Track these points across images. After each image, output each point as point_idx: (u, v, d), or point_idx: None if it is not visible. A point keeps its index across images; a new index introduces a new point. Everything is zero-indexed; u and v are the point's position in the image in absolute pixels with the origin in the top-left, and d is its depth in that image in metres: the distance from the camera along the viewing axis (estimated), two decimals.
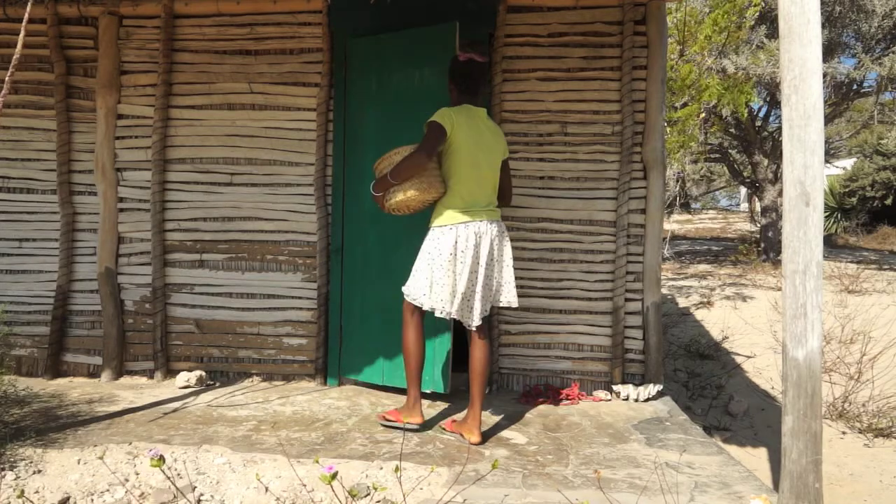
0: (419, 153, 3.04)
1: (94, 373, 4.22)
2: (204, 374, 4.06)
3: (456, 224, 3.06)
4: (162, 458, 1.93)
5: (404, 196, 3.13)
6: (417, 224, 4.12)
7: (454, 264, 3.06)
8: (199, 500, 2.55)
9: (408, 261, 4.10)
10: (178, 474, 2.69)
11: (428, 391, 3.76)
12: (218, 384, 4.09)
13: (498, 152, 3.26)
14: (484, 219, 3.10)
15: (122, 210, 4.22)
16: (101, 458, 2.74)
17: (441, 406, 3.70)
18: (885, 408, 4.19)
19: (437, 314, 3.13)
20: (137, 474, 2.70)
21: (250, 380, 4.18)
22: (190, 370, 4.09)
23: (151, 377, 4.17)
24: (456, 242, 3.05)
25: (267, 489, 2.56)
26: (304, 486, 2.56)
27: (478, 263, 3.08)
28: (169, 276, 4.22)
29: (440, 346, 3.84)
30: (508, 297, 3.21)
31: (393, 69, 4.11)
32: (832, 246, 13.45)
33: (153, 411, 3.47)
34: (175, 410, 3.50)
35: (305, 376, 4.18)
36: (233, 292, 4.21)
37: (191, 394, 3.84)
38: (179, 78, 4.22)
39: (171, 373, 4.17)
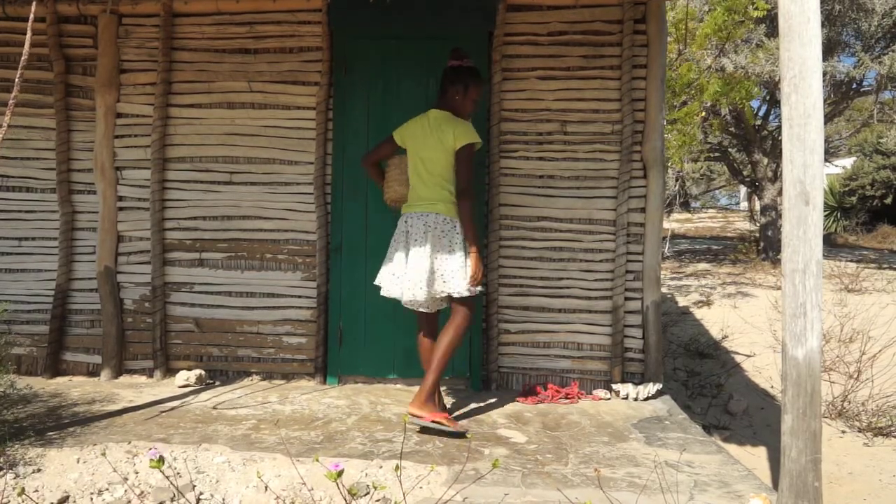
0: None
1: (93, 371, 4.22)
2: (203, 372, 4.06)
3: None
4: (161, 459, 1.93)
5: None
6: None
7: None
8: (198, 499, 2.55)
9: None
10: (178, 473, 2.69)
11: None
12: (217, 383, 4.09)
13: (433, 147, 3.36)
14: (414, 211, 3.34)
15: (121, 209, 4.21)
16: (101, 455, 2.74)
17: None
18: (885, 407, 4.19)
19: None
20: (137, 473, 2.70)
21: (250, 379, 4.18)
22: (189, 369, 4.09)
23: (151, 376, 4.17)
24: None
25: (267, 487, 2.56)
26: (304, 484, 2.56)
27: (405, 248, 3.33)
28: (168, 274, 4.21)
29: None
30: (447, 287, 3.25)
31: (400, 74, 4.12)
32: (832, 245, 13.46)
33: (152, 410, 3.47)
34: (174, 409, 3.50)
35: (305, 375, 4.17)
36: (232, 291, 4.21)
37: (190, 393, 3.84)
38: (179, 76, 4.21)
39: (170, 372, 4.17)
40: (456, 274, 3.22)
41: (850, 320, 6.01)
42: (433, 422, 3.11)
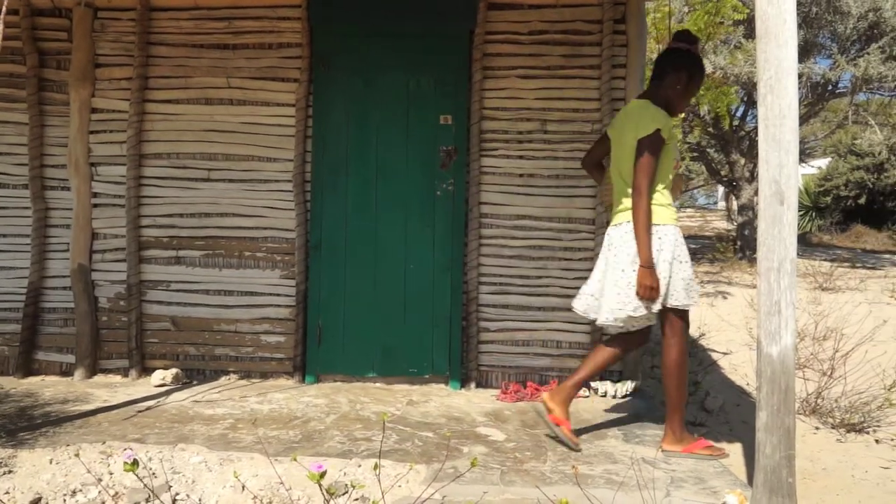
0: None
1: (66, 371, 4.15)
2: (180, 371, 4.02)
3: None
4: (136, 462, 1.90)
5: None
6: (397, 220, 4.12)
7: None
8: (174, 500, 2.52)
9: (388, 256, 4.11)
10: (153, 473, 2.66)
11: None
12: (194, 382, 4.05)
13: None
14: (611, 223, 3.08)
15: (95, 206, 4.15)
16: (75, 456, 2.70)
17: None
18: (857, 403, 4.25)
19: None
20: (111, 474, 2.66)
21: (227, 377, 4.14)
22: (165, 368, 4.04)
23: (126, 375, 4.12)
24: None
25: (244, 487, 2.53)
26: (282, 483, 2.54)
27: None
28: (144, 272, 4.16)
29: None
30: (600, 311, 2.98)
31: (381, 71, 4.10)
32: (807, 244, 13.66)
33: (127, 410, 3.42)
34: (150, 409, 3.46)
35: (283, 374, 4.15)
36: (210, 289, 4.17)
37: (166, 392, 3.80)
38: (155, 72, 4.16)
39: (146, 371, 4.12)
40: (609, 297, 2.93)
41: (824, 318, 6.10)
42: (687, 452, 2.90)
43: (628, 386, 3.93)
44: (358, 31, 4.12)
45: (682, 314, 2.94)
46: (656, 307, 2.88)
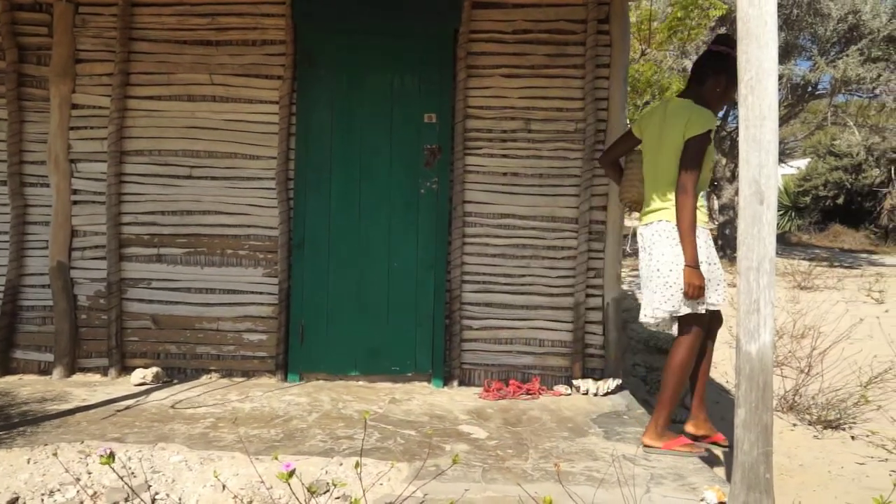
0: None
1: (45, 370, 4.10)
2: (160, 370, 3.99)
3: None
4: (112, 455, 1.89)
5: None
6: (381, 218, 4.12)
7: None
8: (153, 499, 2.50)
9: (372, 255, 4.10)
10: (133, 473, 2.64)
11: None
12: (175, 381, 4.01)
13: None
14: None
15: (75, 202, 4.10)
16: (53, 456, 2.67)
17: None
18: (834, 400, 4.32)
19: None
20: (90, 473, 2.63)
21: (209, 376, 4.11)
22: (146, 367, 4.01)
23: (105, 374, 4.07)
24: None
25: (224, 487, 2.52)
26: (263, 483, 2.54)
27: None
28: (125, 270, 4.12)
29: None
30: (644, 310, 2.97)
31: (366, 69, 4.09)
32: (786, 243, 13.83)
33: (107, 409, 3.39)
34: (130, 408, 3.43)
35: (266, 372, 4.13)
36: (191, 287, 4.14)
37: (146, 391, 3.77)
38: (137, 67, 4.12)
39: (126, 370, 4.08)
40: (652, 296, 2.93)
41: (802, 317, 6.19)
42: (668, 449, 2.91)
43: (610, 384, 3.96)
44: (342, 29, 4.11)
45: (700, 317, 2.93)
46: (702, 308, 2.89)
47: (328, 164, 4.11)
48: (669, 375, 2.94)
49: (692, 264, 2.82)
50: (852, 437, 4.10)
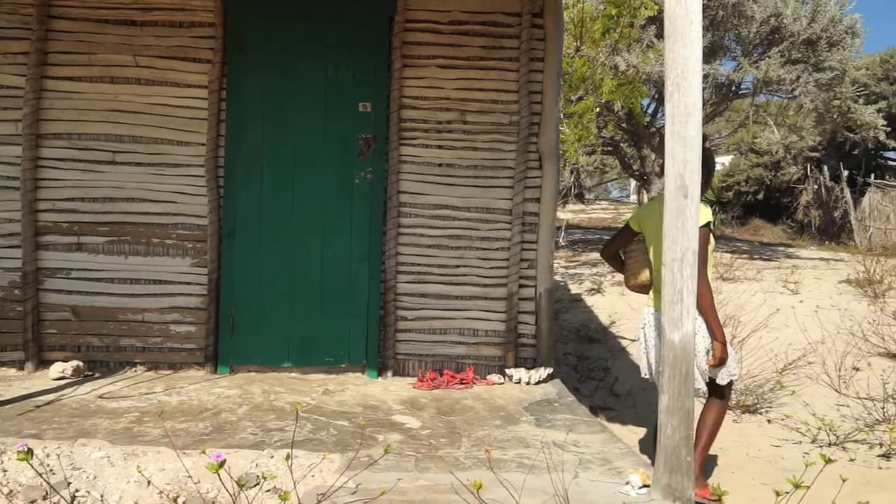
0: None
1: None
2: (81, 364, 3.82)
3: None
4: (30, 452, 1.81)
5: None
6: (314, 208, 4.06)
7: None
8: (73, 497, 2.40)
9: (305, 245, 4.04)
10: (52, 470, 2.53)
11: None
12: (97, 375, 3.86)
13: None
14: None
15: None
16: None
17: None
18: (752, 386, 4.54)
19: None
20: (5, 471, 2.51)
21: (134, 369, 3.97)
22: (66, 360, 3.83)
23: (21, 368, 3.87)
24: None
25: (149, 482, 2.44)
26: (191, 477, 2.47)
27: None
28: (42, 259, 3.92)
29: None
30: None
31: (300, 56, 4.01)
32: None
33: (24, 405, 3.23)
34: (49, 403, 3.28)
35: (194, 365, 4.02)
36: (115, 277, 3.98)
37: (66, 385, 3.61)
38: (56, 47, 3.92)
39: (44, 363, 3.89)
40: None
41: (724, 306, 6.45)
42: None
43: (542, 373, 4.03)
44: (275, 14, 4.02)
45: (730, 384, 3.22)
46: (735, 374, 3.19)
47: (260, 152, 4.02)
48: (704, 433, 3.13)
49: (723, 340, 3.07)
50: (769, 421, 4.32)
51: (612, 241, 3.57)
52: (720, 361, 3.06)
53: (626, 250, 3.48)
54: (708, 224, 3.09)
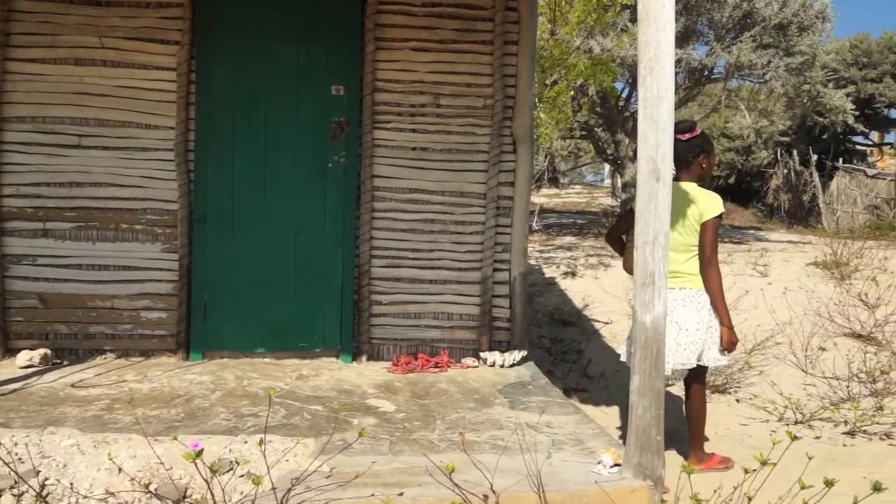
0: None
1: None
2: (49, 352, 3.76)
3: None
4: None
5: None
6: (287, 192, 4.02)
7: None
8: (43, 485, 2.37)
9: (278, 229, 4.00)
10: (20, 459, 2.49)
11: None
12: (66, 362, 3.80)
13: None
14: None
15: None
16: None
17: None
18: (721, 366, 4.61)
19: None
20: None
21: (103, 357, 3.92)
22: (33, 348, 3.76)
23: None
24: None
25: (120, 469, 2.42)
26: (163, 464, 2.45)
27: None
28: (6, 246, 3.84)
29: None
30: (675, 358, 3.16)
31: (271, 38, 3.94)
32: None
33: None
34: (16, 391, 3.22)
35: (166, 351, 3.97)
36: (83, 264, 3.91)
37: (34, 374, 3.55)
38: (18, 27, 3.81)
39: (10, 352, 3.82)
40: (683, 347, 3.17)
41: None
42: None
43: (515, 356, 4.06)
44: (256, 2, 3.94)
45: (706, 369, 3.30)
46: (724, 361, 3.29)
47: (231, 136, 3.96)
48: (695, 418, 3.29)
49: (730, 325, 3.19)
50: (737, 401, 4.41)
51: (616, 225, 3.66)
52: (733, 346, 3.22)
53: (629, 234, 3.50)
54: (720, 215, 3.23)
